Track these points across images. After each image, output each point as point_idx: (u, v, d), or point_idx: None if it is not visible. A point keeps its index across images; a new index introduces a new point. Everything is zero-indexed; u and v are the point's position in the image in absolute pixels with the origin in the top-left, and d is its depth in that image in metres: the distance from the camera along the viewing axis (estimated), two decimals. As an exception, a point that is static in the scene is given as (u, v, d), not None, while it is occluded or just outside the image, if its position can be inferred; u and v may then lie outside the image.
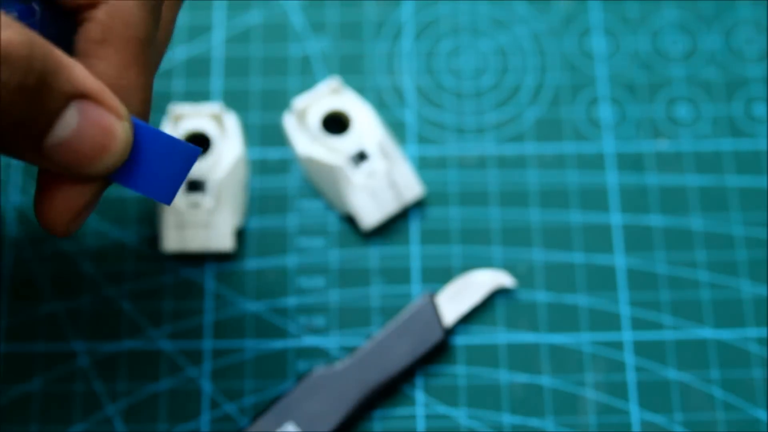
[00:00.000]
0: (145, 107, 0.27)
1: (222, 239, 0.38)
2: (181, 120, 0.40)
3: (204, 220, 0.38)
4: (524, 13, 0.44)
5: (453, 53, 0.43)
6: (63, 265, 0.39)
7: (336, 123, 0.41)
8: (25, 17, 0.26)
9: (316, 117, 0.40)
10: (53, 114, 0.24)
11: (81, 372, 0.38)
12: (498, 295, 0.39)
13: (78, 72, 0.24)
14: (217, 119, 0.40)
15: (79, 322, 0.38)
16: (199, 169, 0.39)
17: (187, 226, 0.38)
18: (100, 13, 0.26)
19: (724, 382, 0.38)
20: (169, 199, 0.27)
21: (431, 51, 0.43)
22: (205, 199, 0.38)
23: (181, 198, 0.38)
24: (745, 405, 0.37)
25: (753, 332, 0.38)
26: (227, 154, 0.39)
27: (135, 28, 0.26)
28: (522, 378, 0.38)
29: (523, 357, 0.38)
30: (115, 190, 0.40)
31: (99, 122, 0.25)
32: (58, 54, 0.24)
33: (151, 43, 0.27)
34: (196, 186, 0.39)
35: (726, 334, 0.38)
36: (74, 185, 0.26)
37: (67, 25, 0.27)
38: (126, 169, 0.26)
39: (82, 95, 0.24)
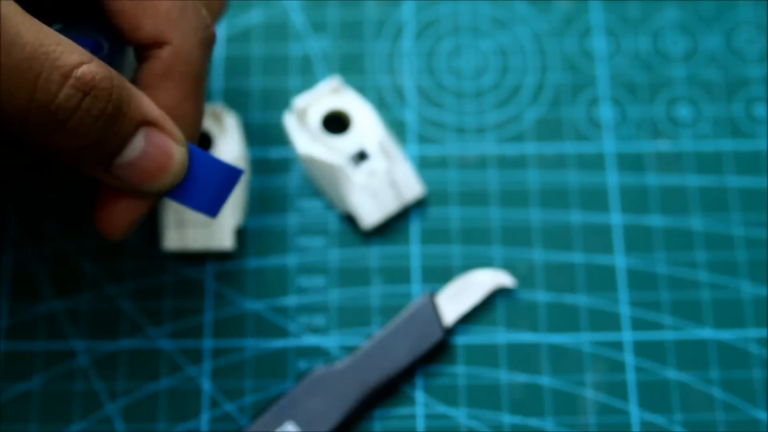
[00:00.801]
0: (197, 133, 0.31)
1: (222, 238, 0.38)
2: None
3: (204, 219, 0.38)
4: (525, 12, 0.44)
5: (453, 53, 0.43)
6: (63, 263, 0.39)
7: (336, 122, 0.41)
8: (96, 51, 0.29)
9: (316, 116, 0.40)
10: (125, 138, 0.28)
11: (81, 371, 0.38)
12: (498, 295, 0.39)
13: (146, 102, 0.28)
14: (217, 118, 0.40)
15: (79, 321, 0.38)
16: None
17: (187, 225, 0.38)
18: (165, 53, 0.29)
19: (724, 382, 0.38)
20: (215, 213, 0.31)
21: (432, 50, 0.43)
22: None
23: None
24: (745, 406, 0.37)
25: (753, 333, 0.38)
26: (227, 153, 0.39)
27: (193, 66, 0.30)
28: (522, 378, 0.38)
29: (523, 357, 0.38)
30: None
31: (162, 146, 0.28)
32: (130, 86, 0.28)
33: (204, 77, 0.31)
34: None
35: (726, 335, 0.38)
36: (133, 199, 0.30)
37: (126, 59, 0.32)
38: (179, 187, 0.30)
39: (149, 122, 0.28)
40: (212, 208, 0.31)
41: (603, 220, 0.40)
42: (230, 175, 0.30)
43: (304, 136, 0.40)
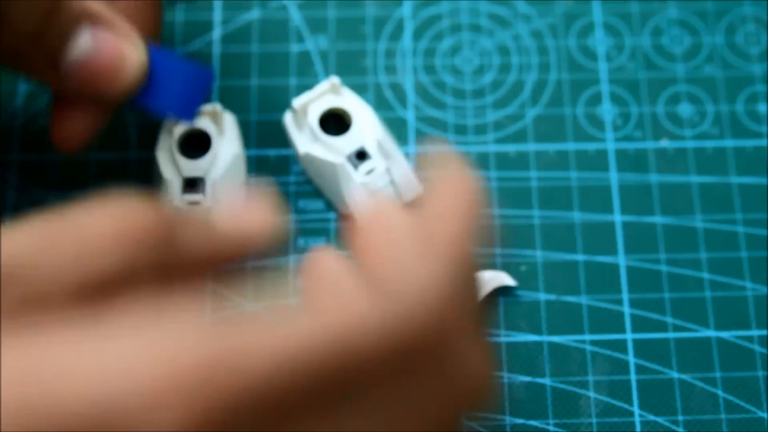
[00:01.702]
0: (156, 30, 0.30)
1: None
2: None
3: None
4: (525, 10, 0.44)
5: (453, 51, 0.43)
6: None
7: (336, 122, 0.40)
8: None
9: (315, 115, 0.40)
10: (65, 31, 0.27)
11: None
12: (499, 295, 0.39)
13: (89, 1, 0.27)
14: (215, 118, 0.39)
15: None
16: (197, 167, 0.38)
17: None
18: None
19: (727, 382, 0.37)
20: (190, 117, 0.30)
21: (431, 49, 0.43)
22: (204, 198, 0.38)
23: (179, 197, 0.38)
24: (748, 405, 0.37)
25: (756, 332, 0.38)
26: (225, 153, 0.39)
27: None
28: (523, 378, 0.38)
29: (524, 357, 0.38)
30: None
31: (111, 45, 0.27)
32: None
33: None
34: (194, 184, 0.38)
35: (729, 335, 0.38)
36: (89, 108, 0.29)
37: None
38: (145, 93, 0.28)
39: (93, 18, 0.27)
40: (185, 111, 0.30)
41: (605, 220, 0.40)
42: (201, 76, 0.29)
43: (304, 135, 0.40)
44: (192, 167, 0.38)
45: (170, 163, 0.38)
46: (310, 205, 0.40)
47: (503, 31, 0.44)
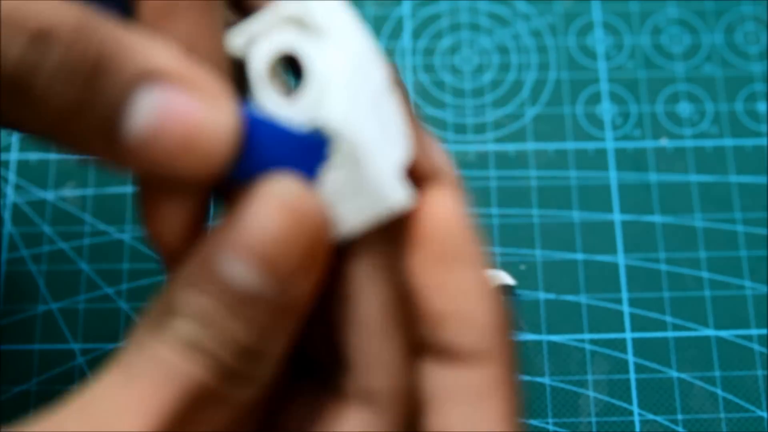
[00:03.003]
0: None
1: (390, 192, 0.23)
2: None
3: (346, 183, 0.23)
4: (525, 9, 0.44)
5: (453, 50, 0.43)
6: (60, 264, 0.39)
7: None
8: None
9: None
10: (118, 96, 0.19)
11: (79, 372, 0.37)
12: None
13: (149, 47, 0.19)
14: (300, 23, 0.22)
15: (77, 321, 0.38)
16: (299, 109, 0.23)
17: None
18: None
19: (726, 381, 0.37)
20: None
21: (431, 48, 0.43)
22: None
23: None
24: (747, 404, 0.37)
25: (756, 331, 0.38)
26: (345, 58, 0.21)
27: None
28: (523, 377, 0.38)
29: (523, 357, 0.38)
30: (114, 188, 0.40)
31: (185, 110, 0.19)
32: (123, 30, 0.19)
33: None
34: None
35: (728, 334, 0.38)
36: (177, 195, 0.21)
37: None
38: (242, 168, 0.20)
39: (157, 76, 0.19)
40: None
41: (604, 219, 0.40)
42: (313, 145, 0.20)
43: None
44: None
45: None
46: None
47: (503, 30, 0.44)
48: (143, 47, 0.19)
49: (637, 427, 0.37)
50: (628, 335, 0.38)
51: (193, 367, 0.19)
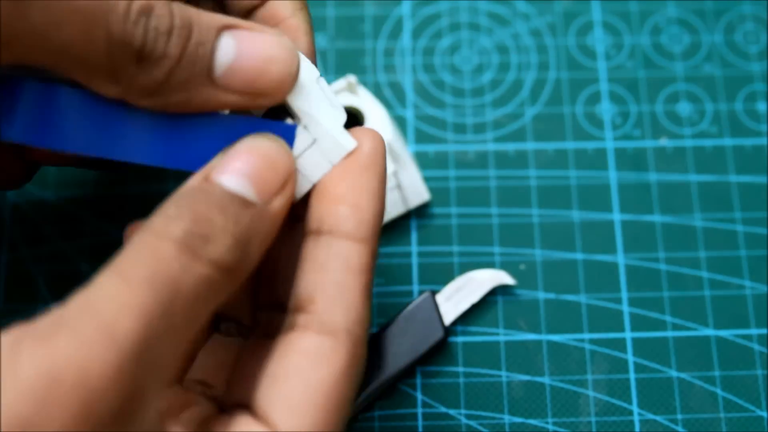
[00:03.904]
0: (313, 48, 0.30)
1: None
2: None
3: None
4: (524, 9, 0.44)
5: (452, 50, 0.43)
6: (60, 264, 0.39)
7: (349, 120, 0.40)
8: None
9: None
10: (209, 44, 0.26)
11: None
12: (498, 294, 0.39)
13: (219, 15, 0.27)
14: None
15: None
16: None
17: None
18: None
19: (726, 381, 0.37)
20: None
21: (430, 47, 0.43)
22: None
23: None
24: (747, 404, 0.37)
25: (756, 331, 0.38)
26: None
27: None
28: (522, 377, 0.38)
29: (523, 356, 0.38)
30: (114, 188, 0.40)
31: (255, 41, 0.26)
32: (190, 8, 0.26)
33: None
34: None
35: (728, 333, 0.38)
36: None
37: None
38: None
39: (229, 25, 0.26)
40: None
41: (604, 218, 0.40)
42: (286, 133, 0.28)
43: None
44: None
45: None
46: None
47: (502, 29, 0.44)
48: (215, 15, 0.26)
49: (637, 427, 0.37)
50: (628, 335, 0.38)
51: (186, 260, 0.23)
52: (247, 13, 0.30)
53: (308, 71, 0.28)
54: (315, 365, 0.24)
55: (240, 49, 0.26)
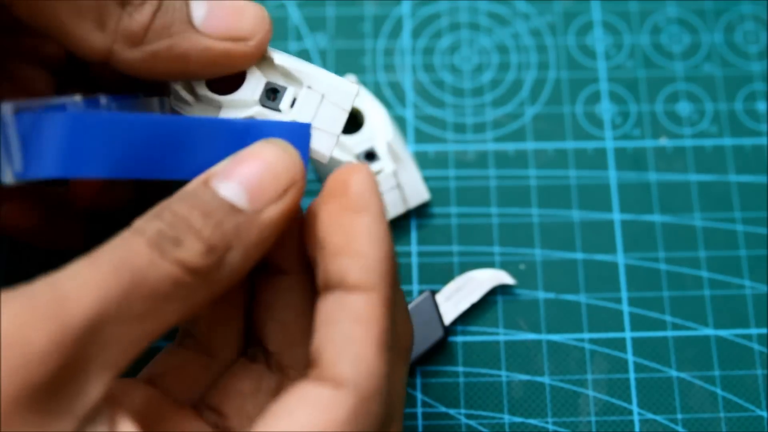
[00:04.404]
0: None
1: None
2: None
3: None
4: (524, 9, 0.44)
5: (452, 49, 0.43)
6: (60, 264, 0.39)
7: (349, 120, 0.40)
8: (94, 104, 0.28)
9: None
10: (184, 9, 0.27)
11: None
12: (498, 294, 0.39)
13: None
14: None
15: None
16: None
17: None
18: None
19: (725, 380, 0.37)
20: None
21: (430, 47, 0.43)
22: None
23: None
24: (747, 404, 0.37)
25: (755, 331, 0.38)
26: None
27: None
28: (522, 377, 0.38)
29: (523, 356, 0.38)
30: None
31: (227, 4, 0.28)
32: None
33: None
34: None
35: (728, 333, 0.38)
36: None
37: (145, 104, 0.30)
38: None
39: None
40: None
41: (603, 218, 0.40)
42: (300, 132, 0.28)
43: None
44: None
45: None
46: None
47: (502, 29, 0.44)
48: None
49: (637, 427, 0.37)
50: (628, 334, 0.38)
51: (154, 256, 0.23)
52: None
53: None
54: (309, 410, 0.23)
55: (210, 3, 0.27)
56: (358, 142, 0.39)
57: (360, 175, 0.26)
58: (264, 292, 0.28)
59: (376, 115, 0.40)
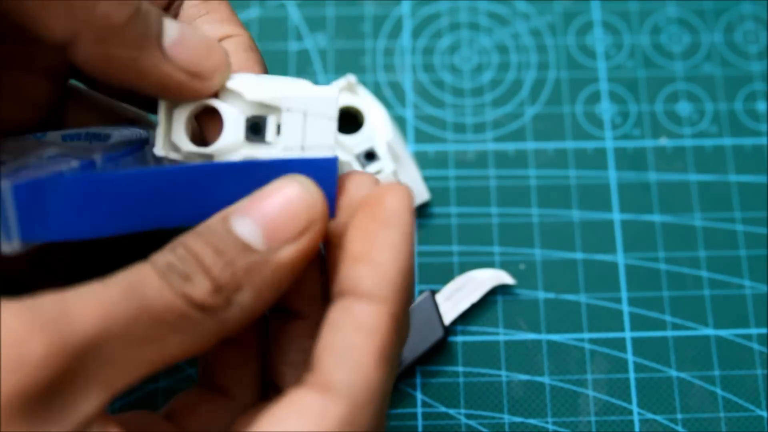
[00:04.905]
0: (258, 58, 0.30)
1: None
2: None
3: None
4: (524, 9, 0.44)
5: (452, 49, 0.43)
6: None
7: (349, 120, 0.40)
8: (89, 168, 0.27)
9: None
10: (157, 17, 0.26)
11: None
12: (498, 293, 0.39)
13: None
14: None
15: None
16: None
17: None
18: None
19: (725, 380, 0.37)
20: (332, 214, 0.27)
21: (430, 47, 0.43)
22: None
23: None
24: (746, 404, 0.37)
25: (755, 331, 0.38)
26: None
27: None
28: (522, 377, 0.38)
29: (523, 356, 0.38)
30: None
31: (194, 29, 0.27)
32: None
33: None
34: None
35: (728, 333, 0.38)
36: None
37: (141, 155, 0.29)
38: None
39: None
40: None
41: (603, 218, 0.40)
42: (326, 166, 0.27)
43: None
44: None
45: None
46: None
47: (502, 29, 0.44)
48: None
49: (637, 427, 0.37)
50: (628, 334, 0.38)
51: (162, 287, 0.23)
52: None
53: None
54: (298, 417, 0.23)
55: (183, 31, 0.27)
56: (358, 142, 0.39)
57: (398, 194, 0.25)
58: (280, 335, 0.28)
59: (375, 115, 0.40)
